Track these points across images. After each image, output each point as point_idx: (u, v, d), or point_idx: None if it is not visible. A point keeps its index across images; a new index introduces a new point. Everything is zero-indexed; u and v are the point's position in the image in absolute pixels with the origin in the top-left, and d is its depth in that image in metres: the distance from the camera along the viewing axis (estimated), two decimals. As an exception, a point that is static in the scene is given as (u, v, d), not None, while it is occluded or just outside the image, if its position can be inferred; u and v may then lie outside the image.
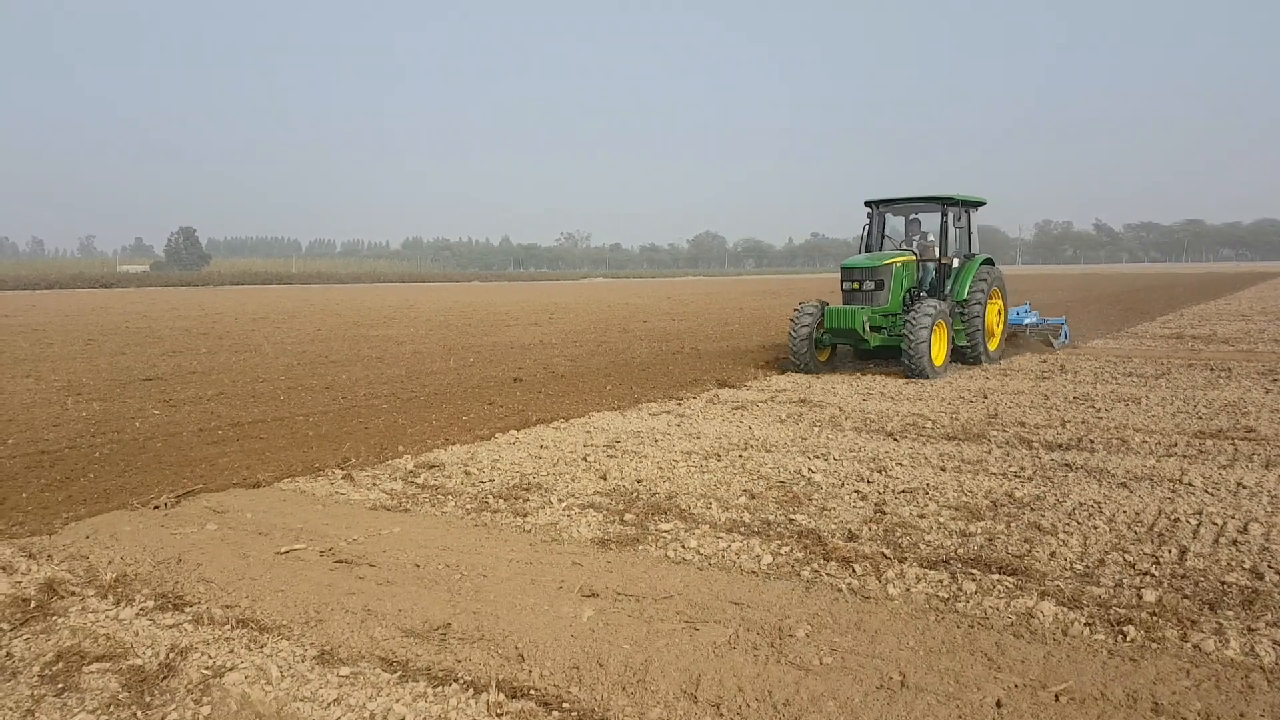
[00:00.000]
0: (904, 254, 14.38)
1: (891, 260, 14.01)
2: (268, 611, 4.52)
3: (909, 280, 14.36)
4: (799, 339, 14.23)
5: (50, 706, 3.61)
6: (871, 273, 14.05)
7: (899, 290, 14.09)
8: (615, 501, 6.54)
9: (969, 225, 15.28)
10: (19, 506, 6.73)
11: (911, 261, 14.46)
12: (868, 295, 14.06)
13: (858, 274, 14.22)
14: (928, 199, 14.63)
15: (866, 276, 14.07)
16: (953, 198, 14.50)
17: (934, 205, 14.69)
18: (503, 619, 4.38)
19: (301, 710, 3.53)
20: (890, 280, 13.96)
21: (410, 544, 5.59)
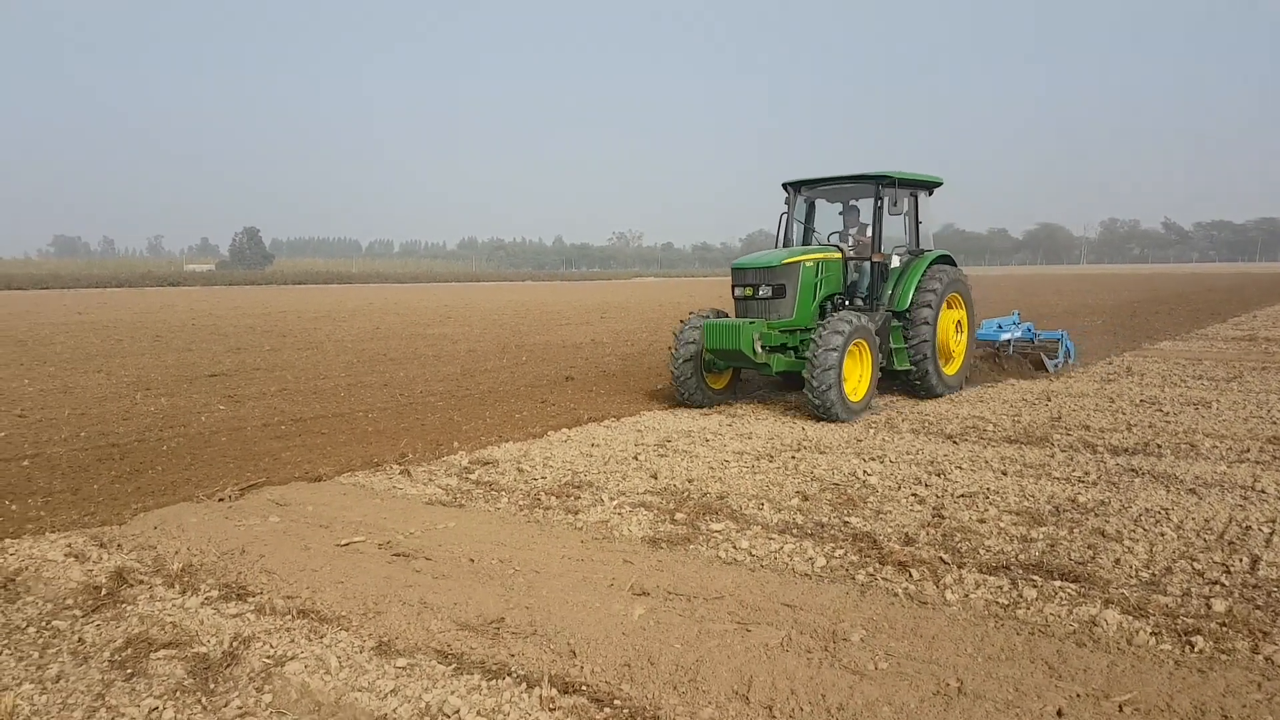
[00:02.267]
0: (818, 250, 11.01)
1: (796, 259, 10.50)
2: (327, 602, 4.61)
3: (831, 284, 11.05)
4: (681, 360, 10.71)
5: (119, 691, 3.73)
6: (768, 274, 10.58)
7: (810, 298, 10.70)
8: (666, 500, 6.53)
9: (915, 213, 11.80)
10: (90, 497, 6.97)
11: (833, 260, 11.06)
12: (764, 305, 10.60)
13: (751, 276, 10.72)
14: (856, 178, 11.26)
15: (762, 280, 10.61)
16: (888, 175, 10.96)
17: (866, 186, 11.28)
18: (555, 615, 4.41)
19: (359, 700, 3.60)
20: (796, 285, 10.50)
21: (465, 539, 5.66)
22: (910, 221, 11.84)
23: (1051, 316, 26.17)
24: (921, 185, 11.82)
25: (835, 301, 11.27)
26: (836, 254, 11.17)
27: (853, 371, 10.20)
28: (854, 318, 10.02)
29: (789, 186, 11.85)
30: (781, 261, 10.50)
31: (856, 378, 10.29)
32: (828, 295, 11.07)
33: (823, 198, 12.08)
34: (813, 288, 10.72)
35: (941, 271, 11.49)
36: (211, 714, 3.55)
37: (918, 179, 11.63)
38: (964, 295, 11.97)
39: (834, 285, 11.11)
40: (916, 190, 11.76)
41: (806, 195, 11.99)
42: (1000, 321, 14.64)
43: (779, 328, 10.51)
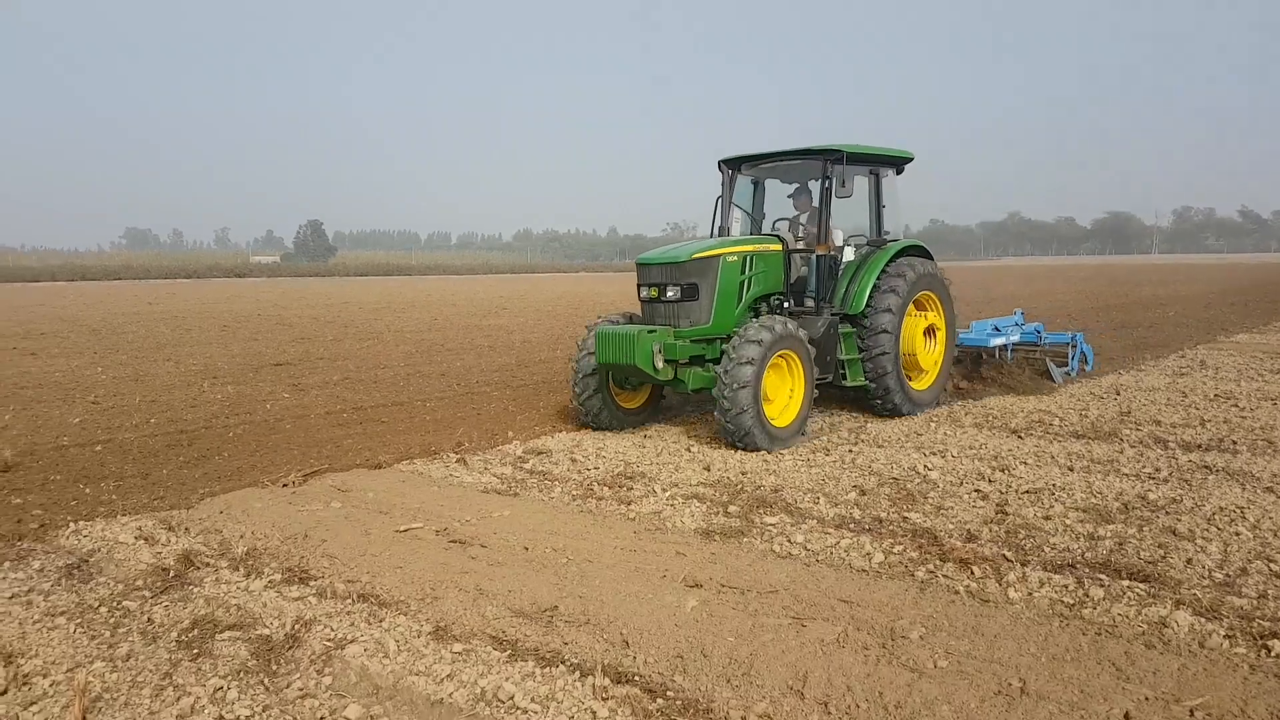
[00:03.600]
0: (747, 241, 9.01)
1: (711, 251, 8.52)
2: (386, 587, 4.68)
3: (766, 282, 9.02)
4: (582, 375, 8.87)
5: (186, 671, 3.84)
6: (675, 271, 8.48)
7: (734, 299, 8.69)
8: (719, 493, 6.50)
9: (878, 195, 9.86)
10: (160, 482, 7.19)
11: (769, 252, 9.04)
12: (673, 309, 8.56)
13: (656, 274, 8.64)
14: (799, 153, 9.36)
15: (669, 278, 8.52)
16: (836, 149, 8.98)
17: (811, 164, 9.41)
18: (608, 604, 4.41)
19: (416, 684, 3.64)
20: (713, 283, 8.49)
21: (519, 527, 5.70)
22: (871, 205, 9.92)
23: (1120, 309, 25.41)
24: (883, 161, 9.78)
25: (773, 303, 9.31)
26: (775, 245, 9.14)
27: (779, 389, 8.40)
28: (778, 323, 8.12)
29: (726, 165, 9.95)
30: (691, 255, 8.41)
31: (786, 396, 8.43)
32: (763, 295, 9.11)
33: (774, 177, 10.22)
34: (738, 287, 8.72)
35: (908, 266, 9.53)
36: (273, 695, 3.62)
37: (878, 154, 9.62)
38: (940, 295, 10.02)
39: (771, 283, 9.10)
40: (878, 168, 9.77)
41: (750, 175, 10.16)
42: (997, 322, 12.39)
43: (690, 336, 8.49)
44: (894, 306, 9.24)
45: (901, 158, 10.02)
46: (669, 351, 8.29)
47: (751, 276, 8.87)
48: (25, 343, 18.30)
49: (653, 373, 8.18)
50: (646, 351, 8.11)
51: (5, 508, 6.49)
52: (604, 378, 8.91)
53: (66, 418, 9.89)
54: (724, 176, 9.90)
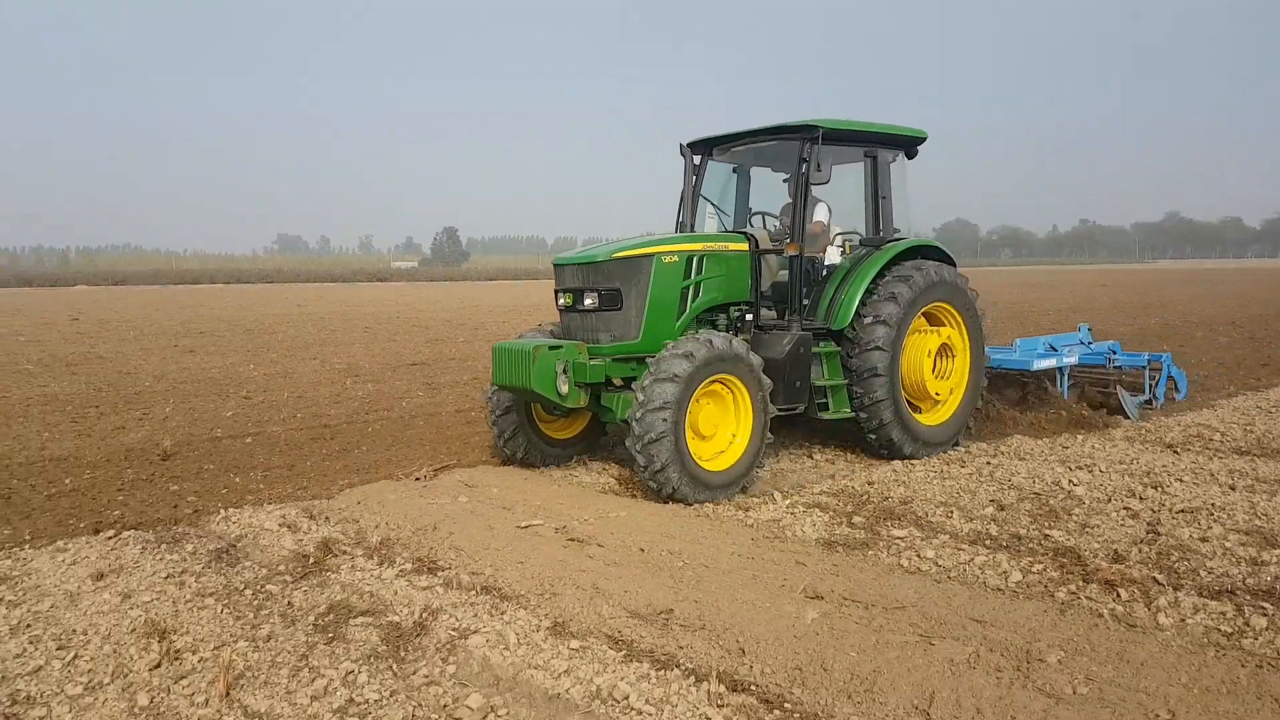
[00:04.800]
0: (692, 239, 7.39)
1: (639, 250, 6.98)
2: (508, 581, 4.77)
3: (722, 289, 7.39)
4: (498, 406, 7.51)
5: (321, 653, 4.02)
6: (592, 274, 7.03)
7: (672, 309, 7.09)
8: (843, 502, 6.32)
9: (874, 183, 8.12)
10: (304, 473, 7.59)
11: (728, 252, 7.41)
12: (591, 320, 7.07)
13: (571, 278, 7.22)
14: (772, 131, 7.81)
15: (585, 282, 7.06)
16: (814, 125, 7.36)
17: (789, 144, 7.70)
18: (724, 611, 4.35)
19: (535, 678, 3.69)
20: (643, 290, 6.95)
21: (635, 528, 5.71)
22: (868, 196, 8.14)
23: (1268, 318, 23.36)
24: (882, 141, 8.05)
25: (733, 315, 7.61)
26: (737, 244, 7.48)
27: (718, 425, 6.74)
28: (718, 339, 6.55)
29: (692, 150, 8.33)
30: (612, 255, 6.90)
31: (727, 436, 6.76)
32: (717, 305, 7.46)
33: (761, 164, 8.65)
34: (678, 294, 7.09)
35: (914, 271, 7.77)
36: (400, 680, 3.75)
37: (874, 132, 7.91)
38: (961, 307, 8.18)
39: (730, 290, 7.43)
40: (876, 149, 8.03)
41: (726, 160, 8.54)
42: (1053, 339, 10.34)
43: (612, 354, 6.95)
44: (890, 317, 7.51)
45: (908, 137, 8.18)
46: (578, 373, 6.73)
47: (700, 282, 7.20)
48: (185, 340, 19.71)
49: (555, 398, 6.67)
50: (547, 372, 6.61)
51: (163, 494, 7.01)
52: (524, 401, 7.43)
53: (220, 411, 10.58)
54: (686, 163, 8.22)
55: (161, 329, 22.98)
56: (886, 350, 7.50)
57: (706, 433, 6.68)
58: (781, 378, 7.10)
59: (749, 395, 6.73)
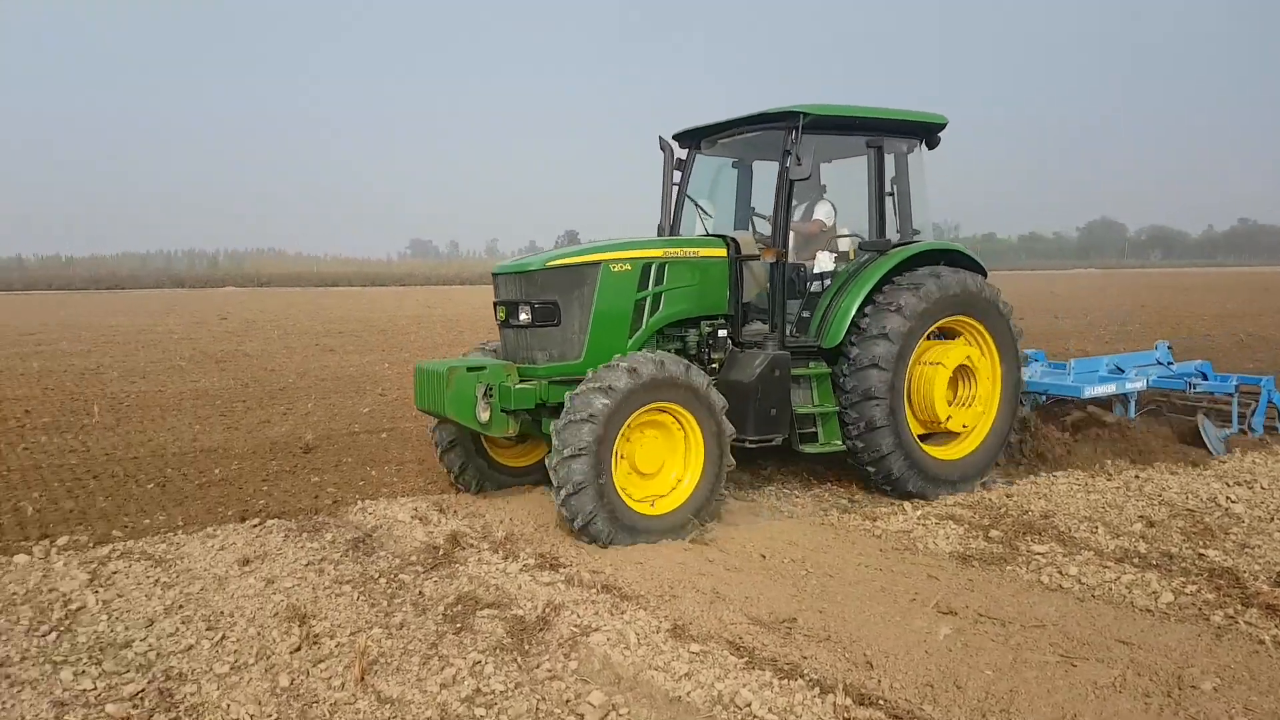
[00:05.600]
0: (650, 244, 6.45)
1: (583, 258, 6.16)
2: (627, 581, 4.79)
3: (687, 301, 6.48)
4: (442, 440, 6.80)
5: (450, 643, 4.13)
6: (526, 285, 6.19)
7: (622, 324, 6.23)
8: (979, 515, 6.05)
9: (879, 178, 6.94)
10: (434, 468, 7.82)
11: (694, 260, 6.49)
12: (526, 336, 6.23)
13: (505, 288, 6.40)
14: (758, 119, 6.83)
15: (519, 294, 6.22)
16: (797, 112, 6.45)
17: (776, 132, 6.70)
18: (850, 622, 4.24)
19: (655, 679, 3.68)
20: (586, 301, 6.13)
21: (756, 534, 5.64)
22: (872, 193, 6.96)
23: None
24: (889, 129, 6.95)
25: (704, 331, 6.59)
26: (713, 249, 6.59)
27: (662, 460, 5.82)
28: (648, 364, 5.55)
29: (678, 141, 7.53)
30: (546, 264, 6.08)
31: (674, 475, 5.82)
32: (684, 319, 6.53)
33: (765, 157, 7.45)
34: (630, 307, 6.21)
35: (930, 278, 6.69)
36: (525, 673, 3.81)
37: (879, 118, 6.88)
38: (989, 323, 7.05)
39: (701, 302, 6.53)
40: (881, 138, 6.88)
41: (718, 154, 7.63)
42: (1119, 360, 8.88)
43: (549, 376, 6.09)
44: (894, 331, 6.43)
45: (922, 124, 7.08)
46: (504, 398, 5.90)
47: (661, 293, 6.30)
48: (325, 340, 20.76)
49: (475, 426, 5.94)
50: (464, 397, 5.86)
51: (305, 485, 7.39)
52: (461, 430, 6.58)
53: (358, 407, 11.08)
54: (666, 158, 7.37)
55: (303, 329, 24.32)
56: (886, 369, 6.40)
57: (647, 469, 5.76)
58: (752, 404, 6.14)
59: (699, 429, 5.75)
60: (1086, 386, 8.11)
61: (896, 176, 7.06)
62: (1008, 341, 7.15)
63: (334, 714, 3.52)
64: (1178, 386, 8.75)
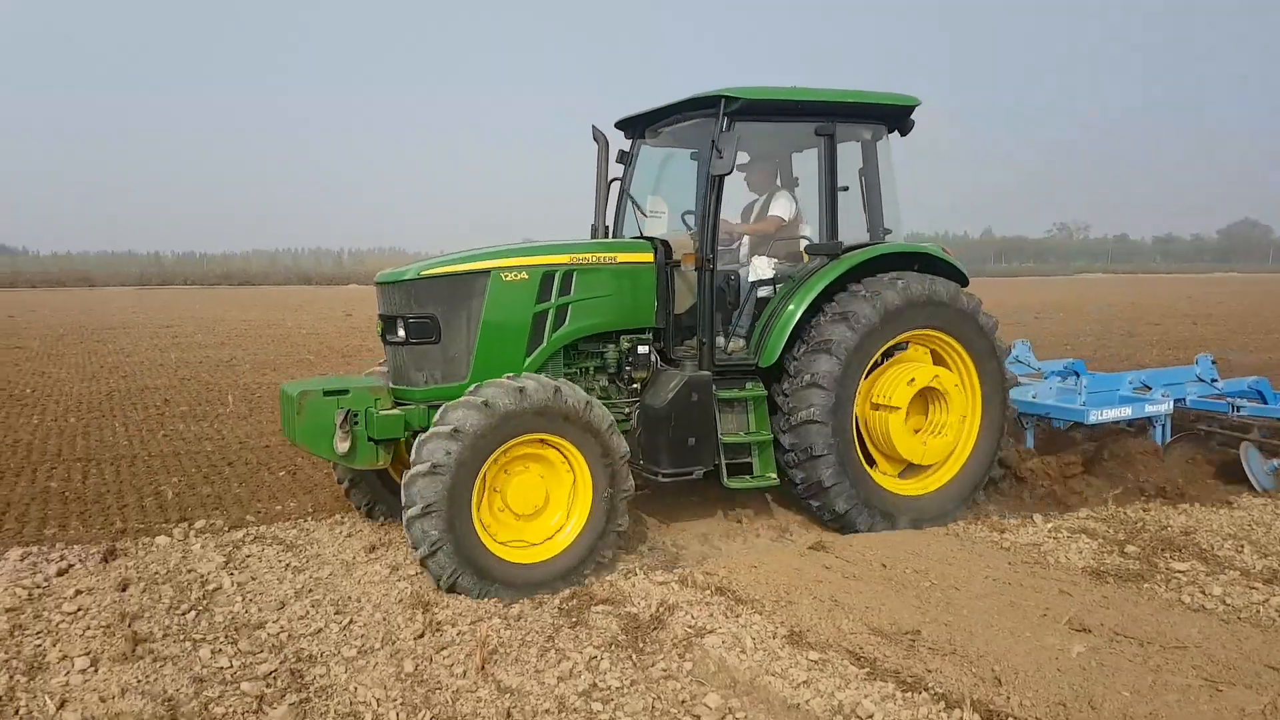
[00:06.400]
0: (555, 248, 5.65)
1: (466, 266, 5.38)
2: (742, 585, 4.74)
3: (602, 314, 5.69)
4: (344, 476, 6.10)
5: (566, 636, 4.18)
6: (400, 297, 5.42)
7: (517, 341, 5.45)
8: (1114, 529, 5.76)
9: (830, 172, 6.04)
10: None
11: (611, 266, 5.69)
12: (404, 354, 5.44)
13: (384, 300, 5.61)
14: (688, 104, 6.01)
15: (396, 307, 5.45)
16: (730, 95, 5.65)
17: (705, 116, 5.92)
18: (977, 636, 4.09)
19: (772, 685, 3.63)
20: (471, 315, 5.37)
21: (878, 543, 5.49)
22: (823, 189, 6.07)
23: None
24: (842, 114, 6.04)
25: (625, 347, 5.79)
26: (635, 252, 5.81)
27: (550, 494, 5.08)
28: (507, 395, 4.79)
29: (621, 130, 6.78)
30: (421, 274, 5.34)
31: (555, 516, 5.08)
32: (600, 332, 5.74)
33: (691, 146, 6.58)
34: (527, 321, 5.46)
35: (886, 288, 5.81)
36: (640, 671, 3.82)
37: (829, 102, 5.97)
38: (962, 337, 6.14)
39: (619, 314, 5.74)
40: (832, 123, 5.94)
41: (657, 142, 6.70)
42: (1145, 375, 7.72)
43: (426, 399, 5.30)
44: (840, 345, 5.60)
45: (887, 107, 6.15)
46: (369, 426, 5.16)
47: (567, 304, 5.54)
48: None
49: (333, 458, 5.27)
50: (318, 425, 5.14)
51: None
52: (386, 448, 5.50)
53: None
54: (600, 150, 6.42)
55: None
56: (828, 389, 5.57)
57: (522, 509, 5.01)
58: (666, 433, 5.45)
59: (587, 467, 5.01)
60: (1093, 410, 6.95)
61: (864, 168, 6.24)
62: (989, 361, 6.20)
63: (456, 701, 3.62)
64: (1221, 409, 7.36)
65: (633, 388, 5.77)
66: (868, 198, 6.26)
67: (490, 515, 4.94)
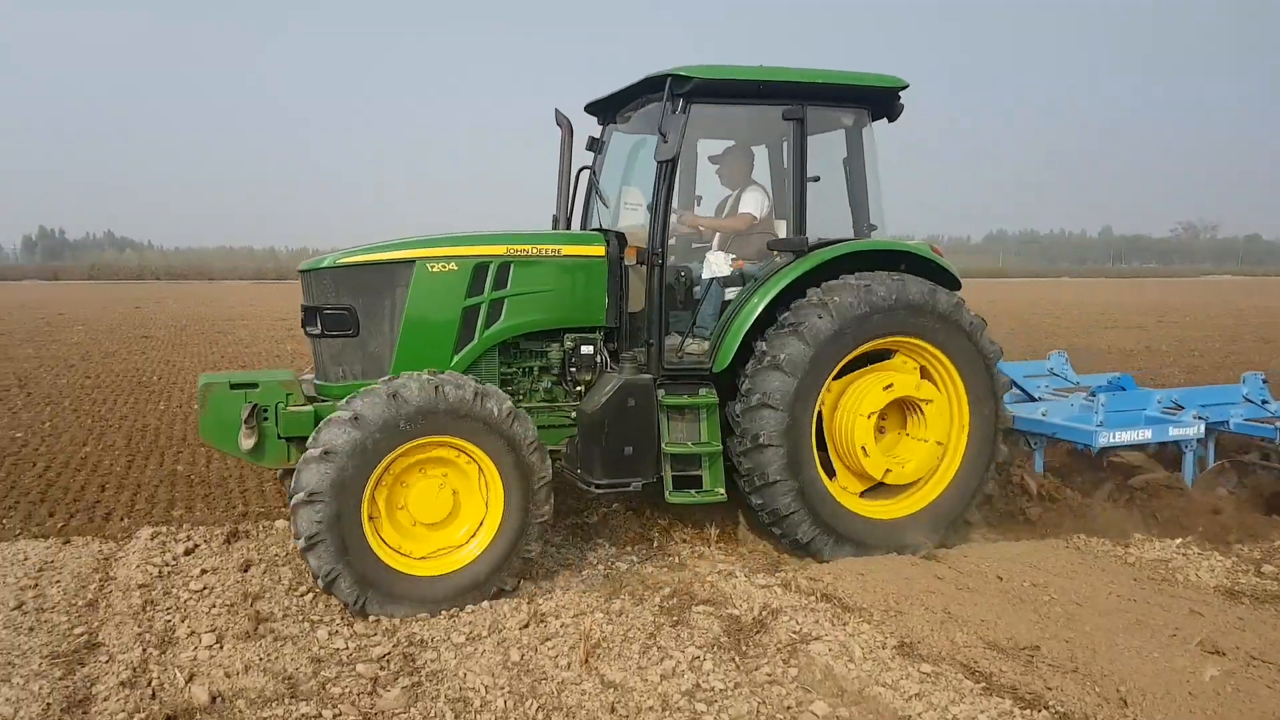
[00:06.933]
0: (489, 238, 5.28)
1: (386, 255, 5.16)
2: (848, 592, 4.64)
3: (543, 311, 5.35)
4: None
5: (667, 634, 4.17)
6: (317, 286, 5.22)
7: (445, 337, 5.16)
8: (1248, 547, 5.42)
9: (800, 159, 5.45)
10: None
11: (554, 259, 5.35)
12: (322, 347, 5.30)
13: (304, 290, 5.36)
14: (643, 85, 5.61)
15: (315, 297, 5.24)
16: (672, 76, 5.22)
17: (654, 99, 5.53)
18: (1101, 655, 3.90)
19: (882, 696, 3.54)
20: (393, 308, 5.14)
21: (993, 554, 5.30)
22: (793, 180, 5.53)
23: None
24: (814, 97, 5.49)
25: (569, 346, 5.40)
26: (584, 245, 5.46)
27: (463, 503, 4.75)
28: (413, 389, 4.50)
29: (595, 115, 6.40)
30: (338, 262, 5.17)
31: (465, 523, 4.75)
32: (542, 330, 5.39)
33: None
34: (456, 316, 5.16)
35: (847, 291, 5.22)
36: (744, 674, 3.78)
37: (798, 83, 5.43)
38: (943, 344, 5.45)
39: (563, 311, 5.37)
40: (804, 106, 5.40)
41: (627, 128, 6.26)
42: (1181, 394, 6.76)
43: (343, 396, 4.74)
44: (792, 360, 5.07)
45: (869, 89, 5.63)
46: (283, 422, 4.91)
47: (504, 299, 5.21)
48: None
49: (242, 455, 4.97)
50: (222, 419, 4.89)
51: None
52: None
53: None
54: (564, 135, 5.98)
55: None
56: (781, 409, 5.06)
57: (427, 518, 4.67)
58: (599, 441, 5.06)
59: (498, 472, 4.64)
60: (1105, 432, 6.09)
61: (849, 157, 5.71)
62: (977, 369, 5.48)
63: (562, 692, 3.65)
64: (1268, 434, 6.38)
65: (578, 390, 5.38)
66: (851, 191, 5.73)
67: (390, 531, 4.61)
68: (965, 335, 5.45)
